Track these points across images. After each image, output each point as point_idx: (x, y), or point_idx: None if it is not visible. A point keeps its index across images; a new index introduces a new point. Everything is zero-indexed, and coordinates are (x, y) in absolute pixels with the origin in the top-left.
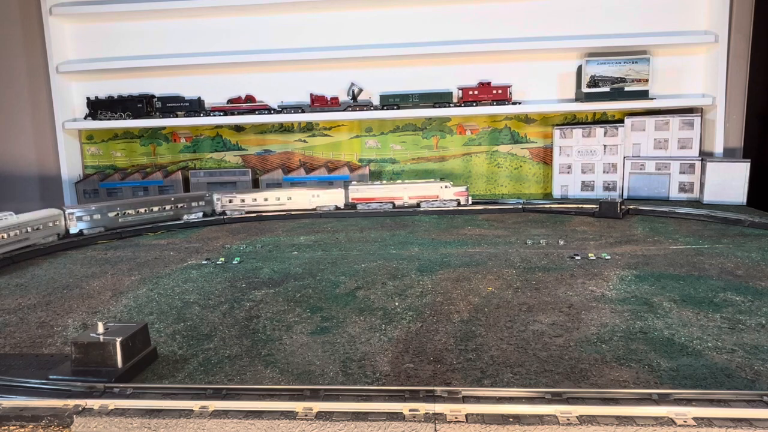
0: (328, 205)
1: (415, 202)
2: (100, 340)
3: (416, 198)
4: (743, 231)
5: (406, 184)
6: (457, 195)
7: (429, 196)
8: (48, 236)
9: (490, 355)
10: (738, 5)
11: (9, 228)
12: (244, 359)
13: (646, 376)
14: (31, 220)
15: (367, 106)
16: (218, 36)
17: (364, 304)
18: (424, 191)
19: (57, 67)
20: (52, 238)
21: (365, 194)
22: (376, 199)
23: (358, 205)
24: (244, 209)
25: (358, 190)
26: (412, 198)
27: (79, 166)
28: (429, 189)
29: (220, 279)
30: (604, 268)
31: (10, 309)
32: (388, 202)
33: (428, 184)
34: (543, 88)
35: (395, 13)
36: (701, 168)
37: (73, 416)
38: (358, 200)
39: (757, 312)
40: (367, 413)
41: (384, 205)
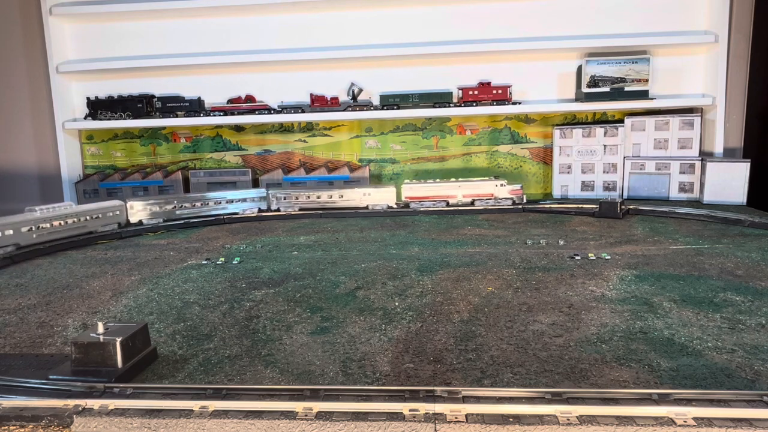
0: (379, 203)
1: (469, 200)
2: (100, 340)
3: (470, 196)
4: (743, 231)
5: (460, 183)
6: (511, 193)
7: (484, 195)
8: (107, 225)
9: (490, 355)
10: (738, 5)
11: (68, 216)
12: (244, 359)
13: (646, 376)
14: (92, 209)
15: (367, 106)
16: (218, 36)
17: (364, 304)
18: (478, 189)
19: (57, 67)
20: (111, 227)
21: (419, 192)
22: (430, 198)
23: (411, 203)
24: (297, 206)
25: (412, 188)
26: (467, 196)
27: (79, 166)
28: (484, 187)
29: (220, 279)
30: (604, 268)
31: (10, 309)
32: (442, 201)
33: (483, 182)
34: (543, 88)
35: (395, 13)
36: (701, 168)
37: (73, 416)
38: (411, 199)
39: (757, 312)
40: (367, 413)
41: (437, 204)
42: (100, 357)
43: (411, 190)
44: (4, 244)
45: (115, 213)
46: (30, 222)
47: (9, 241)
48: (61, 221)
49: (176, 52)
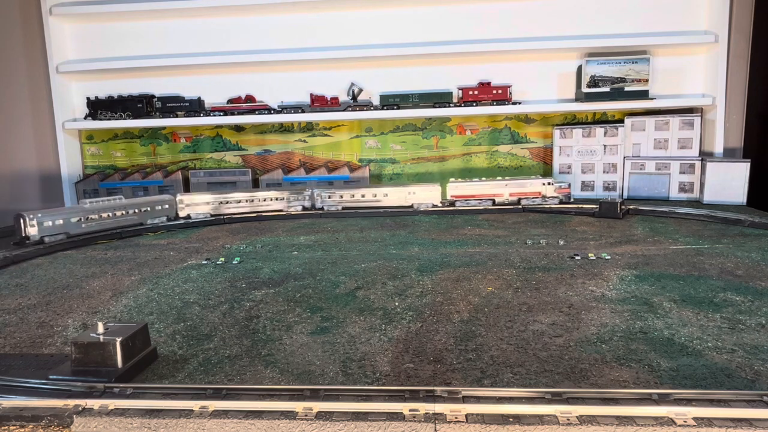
0: (424, 202)
1: (516, 199)
2: (100, 340)
3: (517, 195)
4: (743, 231)
5: (507, 181)
6: (558, 192)
7: (530, 193)
8: (157, 218)
9: (490, 355)
10: (738, 5)
11: (117, 208)
12: (244, 359)
13: (646, 376)
14: (144, 202)
15: (367, 106)
16: (218, 36)
17: (364, 304)
18: (525, 188)
19: (57, 67)
20: (160, 220)
21: (465, 191)
22: (476, 196)
23: (457, 202)
24: (341, 205)
25: (457, 187)
26: (513, 195)
27: (79, 166)
28: (531, 186)
29: (220, 279)
30: (604, 268)
31: (10, 309)
32: (488, 199)
33: (530, 180)
34: (543, 88)
35: (395, 13)
36: (701, 168)
37: (73, 416)
38: (457, 197)
39: (757, 312)
40: (367, 413)
41: (483, 202)
42: (100, 357)
43: (456, 188)
44: (55, 232)
45: (164, 206)
46: (79, 213)
47: (59, 230)
48: (110, 213)
49: (176, 52)
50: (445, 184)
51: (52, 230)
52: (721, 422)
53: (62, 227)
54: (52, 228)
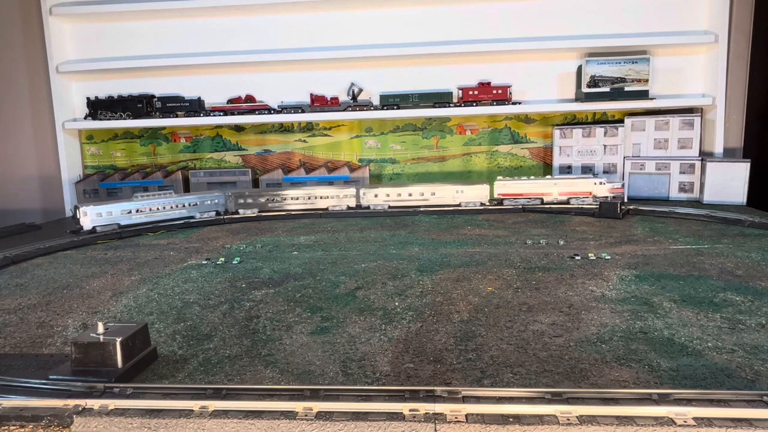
0: (472, 200)
1: (565, 198)
2: (100, 340)
3: (567, 194)
4: (743, 231)
5: (556, 180)
6: (611, 192)
7: (581, 193)
8: (206, 213)
9: (490, 355)
10: (738, 5)
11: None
12: (244, 359)
13: (646, 376)
14: (192, 198)
15: (367, 106)
16: (218, 36)
17: (364, 304)
18: (575, 187)
19: (57, 67)
20: (209, 215)
21: (513, 190)
22: (524, 195)
23: (505, 200)
24: (387, 204)
25: (505, 185)
26: (563, 194)
27: (79, 166)
28: (581, 185)
29: (220, 279)
30: (604, 268)
31: (10, 309)
32: (536, 198)
33: (581, 180)
34: (543, 88)
35: (395, 13)
36: (701, 168)
37: (73, 416)
38: (504, 196)
39: (757, 312)
40: (367, 413)
41: (531, 201)
42: (100, 357)
43: (504, 187)
44: (108, 222)
45: (213, 201)
46: (130, 206)
47: (111, 221)
48: (160, 206)
49: (176, 52)
50: (492, 182)
51: (103, 221)
52: (721, 422)
53: (113, 219)
54: (104, 219)
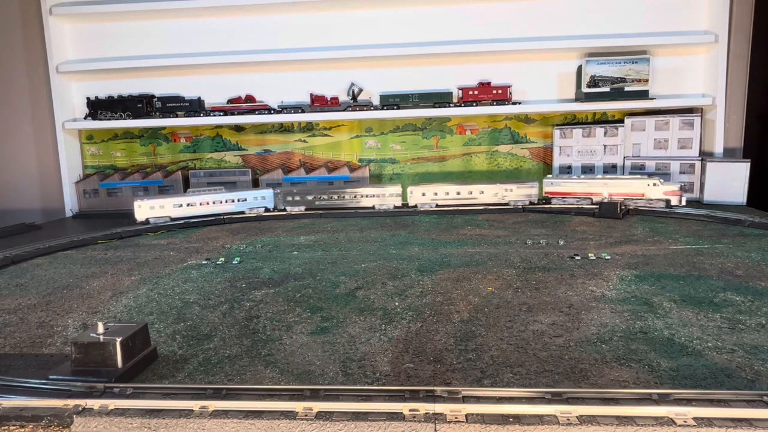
0: (519, 199)
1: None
2: (100, 340)
3: (618, 195)
4: (743, 231)
5: (607, 180)
6: (667, 194)
7: (633, 194)
8: (254, 209)
9: (490, 355)
10: (738, 5)
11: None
12: (244, 359)
13: (646, 376)
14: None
15: (367, 106)
16: (218, 36)
17: (364, 304)
18: (627, 188)
19: (57, 67)
20: (257, 212)
21: (562, 189)
22: (574, 195)
23: (553, 199)
24: (435, 203)
25: (553, 183)
26: (613, 195)
27: (79, 166)
28: (634, 186)
29: (220, 279)
30: (604, 268)
31: (10, 309)
32: (586, 198)
33: (633, 180)
34: (543, 88)
35: (395, 13)
36: (701, 168)
37: (73, 416)
38: (553, 194)
39: (757, 312)
40: (367, 413)
41: (581, 201)
42: (100, 357)
43: (553, 185)
44: (161, 215)
45: (262, 197)
46: (182, 200)
47: (164, 213)
48: (210, 201)
49: (176, 52)
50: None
51: (156, 214)
52: (721, 422)
53: (165, 212)
54: (156, 212)
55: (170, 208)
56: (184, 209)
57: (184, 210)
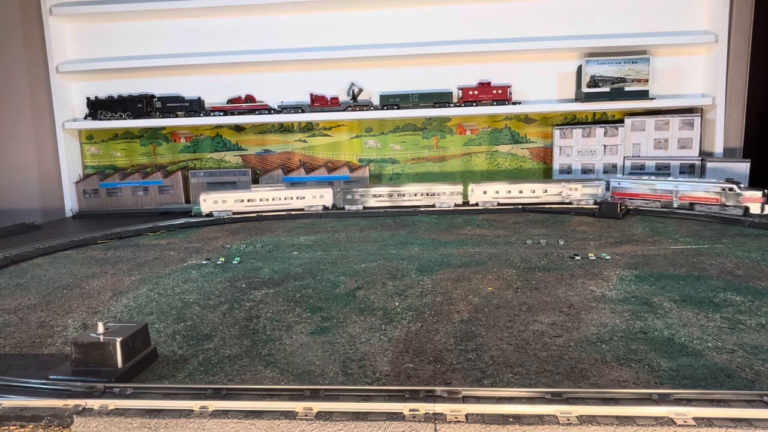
0: (585, 199)
1: (687, 203)
2: (100, 340)
3: (689, 199)
4: (743, 231)
5: (678, 182)
6: (746, 201)
7: (706, 199)
8: (312, 207)
9: (490, 355)
10: (738, 5)
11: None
12: (244, 359)
13: (646, 376)
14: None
15: (367, 106)
16: (218, 36)
17: (364, 304)
18: (700, 192)
19: (57, 67)
20: (316, 209)
21: (629, 190)
22: (641, 196)
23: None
24: (497, 201)
25: (620, 183)
26: (684, 198)
27: (79, 166)
28: (709, 189)
29: (220, 279)
30: (604, 268)
31: (10, 309)
32: (655, 201)
33: (707, 183)
34: (543, 88)
35: (395, 13)
36: (701, 168)
37: (73, 416)
38: (620, 195)
39: (757, 312)
40: (367, 413)
41: (650, 203)
42: (100, 357)
43: (619, 185)
44: (222, 209)
45: (319, 196)
46: (243, 195)
47: (227, 207)
48: (270, 198)
49: (176, 52)
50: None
51: (219, 207)
52: (721, 422)
53: (227, 206)
54: (219, 206)
55: (232, 202)
56: (245, 204)
57: (245, 205)
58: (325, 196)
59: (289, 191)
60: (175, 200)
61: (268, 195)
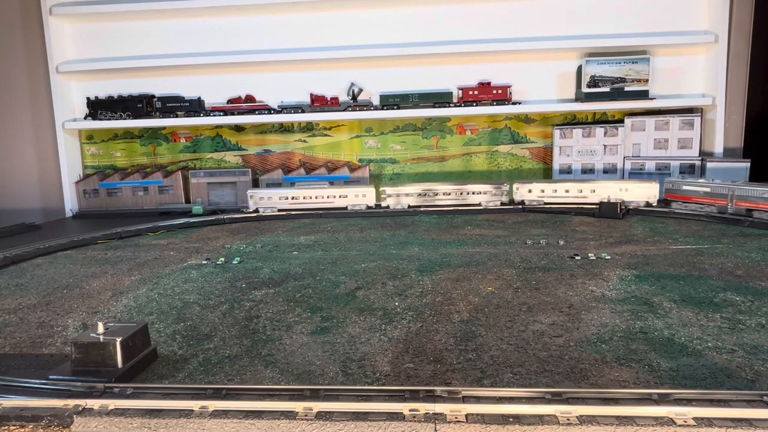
0: (636, 200)
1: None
2: (100, 340)
3: (747, 204)
4: (743, 231)
5: (737, 186)
6: None
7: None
8: (357, 206)
9: (490, 355)
10: (738, 5)
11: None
12: (244, 359)
13: (646, 376)
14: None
15: (367, 106)
16: (218, 36)
17: (364, 304)
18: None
19: (57, 67)
20: (360, 208)
21: (683, 191)
22: (695, 200)
23: (674, 203)
24: (542, 200)
25: (673, 185)
26: (741, 204)
27: (79, 166)
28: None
29: (220, 279)
30: (604, 268)
31: (10, 309)
32: (710, 206)
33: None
34: (543, 88)
35: (395, 13)
36: (701, 168)
37: (73, 416)
38: (673, 198)
39: (757, 312)
40: (367, 413)
41: (706, 207)
42: (100, 357)
43: (673, 188)
44: (267, 206)
45: (362, 195)
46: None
47: (272, 204)
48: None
49: (176, 52)
50: None
51: (265, 204)
52: (721, 422)
53: (273, 203)
54: (265, 203)
55: (277, 200)
56: (289, 202)
57: (289, 203)
58: (368, 195)
59: (333, 190)
60: (175, 200)
61: (312, 193)
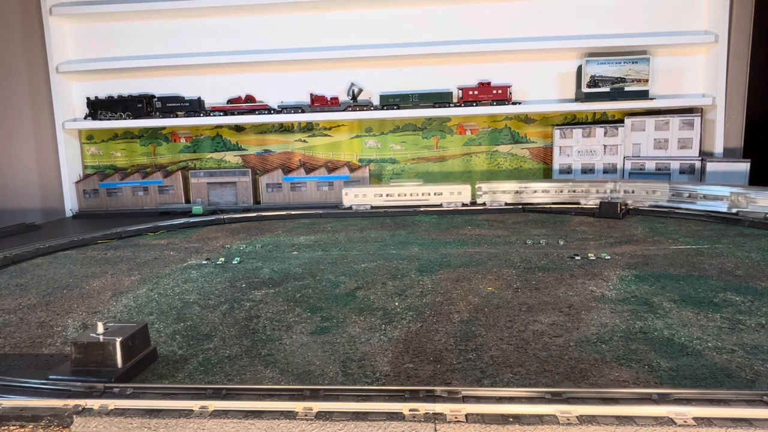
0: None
1: None
2: (100, 340)
3: None
4: (743, 231)
5: None
6: None
7: None
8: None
9: (490, 355)
10: (738, 5)
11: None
12: (244, 359)
13: (646, 376)
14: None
15: (367, 106)
16: (218, 36)
17: (364, 304)
18: None
19: (57, 67)
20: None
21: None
22: None
23: None
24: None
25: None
26: None
27: (79, 166)
28: None
29: (220, 279)
30: (604, 268)
31: (10, 309)
32: None
33: None
34: (543, 88)
35: (395, 13)
36: (701, 168)
37: (73, 416)
38: None
39: (757, 312)
40: (367, 413)
41: None
42: (100, 357)
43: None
44: (361, 203)
45: (457, 192)
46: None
47: (366, 201)
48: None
49: (176, 52)
50: None
51: (359, 201)
52: (721, 422)
53: (366, 200)
54: (359, 200)
55: (372, 197)
56: (383, 198)
57: (383, 199)
58: (463, 192)
59: (427, 187)
60: (175, 200)
61: (406, 190)
